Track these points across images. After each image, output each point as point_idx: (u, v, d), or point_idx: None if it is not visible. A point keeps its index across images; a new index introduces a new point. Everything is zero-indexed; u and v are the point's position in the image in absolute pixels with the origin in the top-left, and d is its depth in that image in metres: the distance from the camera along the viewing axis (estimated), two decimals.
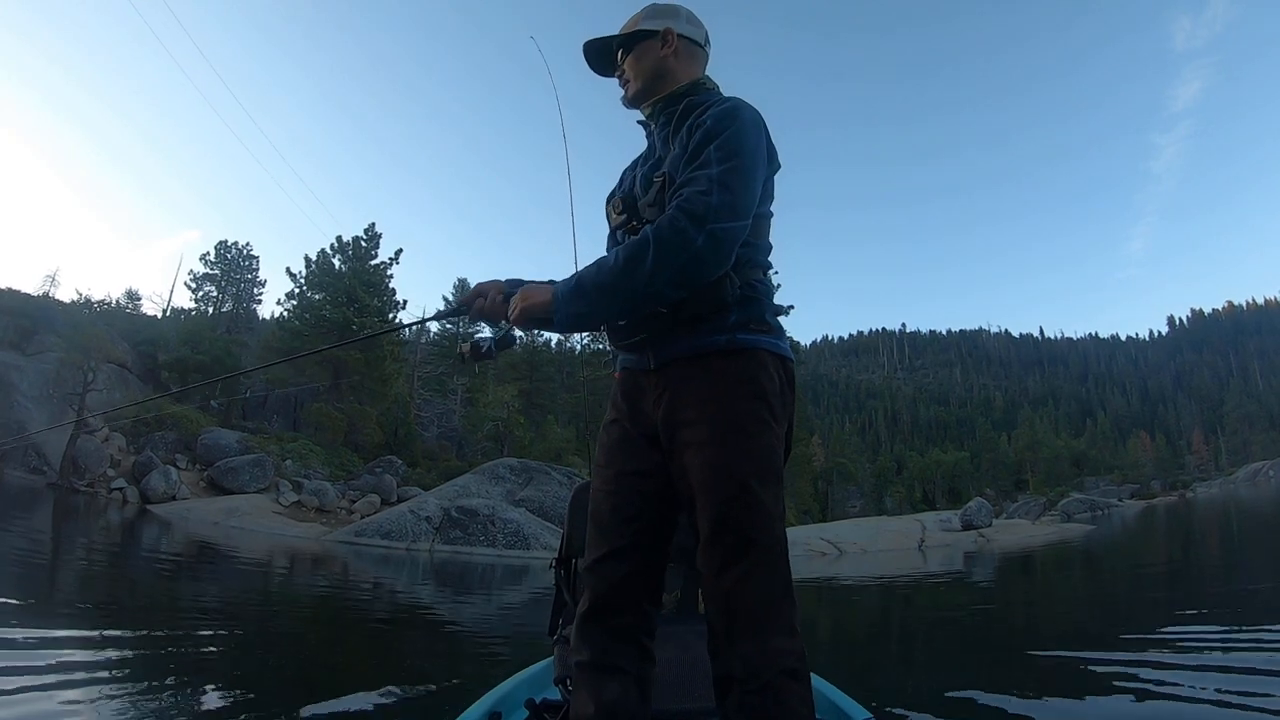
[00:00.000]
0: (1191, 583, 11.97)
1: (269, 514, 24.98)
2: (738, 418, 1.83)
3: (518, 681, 3.02)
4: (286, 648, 6.75)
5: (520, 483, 28.36)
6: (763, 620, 1.72)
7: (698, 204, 1.74)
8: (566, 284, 1.87)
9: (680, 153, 1.93)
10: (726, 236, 1.76)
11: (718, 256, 1.77)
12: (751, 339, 1.91)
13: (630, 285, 1.77)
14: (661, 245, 1.74)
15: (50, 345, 31.96)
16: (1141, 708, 4.27)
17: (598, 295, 1.82)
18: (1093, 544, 24.60)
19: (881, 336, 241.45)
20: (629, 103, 2.24)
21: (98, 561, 11.73)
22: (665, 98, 2.15)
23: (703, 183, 1.78)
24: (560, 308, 1.85)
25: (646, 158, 2.20)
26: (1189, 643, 6.15)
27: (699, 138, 1.88)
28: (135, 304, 55.08)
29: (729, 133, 1.85)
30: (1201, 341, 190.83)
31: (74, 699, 3.95)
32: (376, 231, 43.65)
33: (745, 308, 1.92)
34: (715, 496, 1.77)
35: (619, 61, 2.24)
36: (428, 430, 45.89)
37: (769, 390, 1.89)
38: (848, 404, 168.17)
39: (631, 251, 1.77)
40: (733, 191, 1.77)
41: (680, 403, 1.89)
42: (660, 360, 1.94)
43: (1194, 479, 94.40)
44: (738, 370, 1.88)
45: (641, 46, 2.19)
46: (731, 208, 1.76)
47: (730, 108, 1.93)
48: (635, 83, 2.20)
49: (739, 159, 1.82)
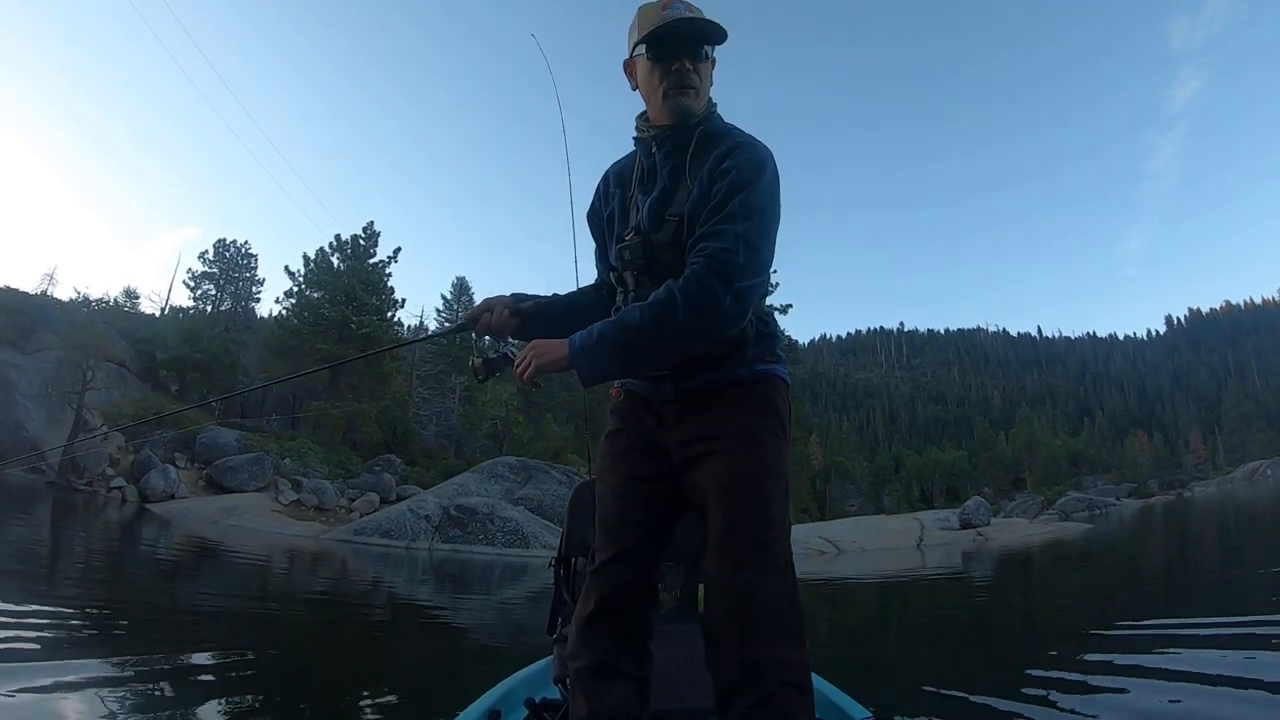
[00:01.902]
0: (1189, 580, 11.98)
1: (268, 513, 24.96)
2: (756, 431, 1.92)
3: (517, 680, 3.03)
4: (285, 646, 6.75)
5: (519, 481, 28.36)
6: (773, 626, 1.75)
7: (725, 264, 1.77)
8: (585, 341, 1.84)
9: (700, 195, 1.90)
10: (751, 294, 1.82)
11: (742, 313, 1.83)
12: (768, 369, 2.02)
13: (658, 344, 1.81)
14: (691, 305, 1.75)
15: (49, 344, 31.93)
16: (1141, 706, 4.29)
17: (626, 353, 1.83)
18: (1091, 543, 24.63)
19: (879, 335, 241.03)
20: (689, 111, 2.01)
21: (96, 560, 11.72)
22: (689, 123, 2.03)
23: (729, 239, 1.79)
24: (583, 364, 1.83)
25: (643, 181, 2.11)
26: (1188, 641, 6.16)
27: (724, 189, 1.85)
28: (134, 302, 55.25)
29: (755, 188, 1.85)
30: (1199, 341, 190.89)
31: (72, 698, 3.96)
32: (375, 230, 43.68)
33: (761, 343, 2.01)
34: (731, 501, 1.83)
35: (706, 56, 2.04)
36: (426, 429, 45.84)
37: (782, 411, 2.00)
38: (845, 403, 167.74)
39: (659, 311, 1.78)
40: (757, 251, 1.82)
41: (700, 422, 1.96)
42: (681, 392, 1.98)
43: (1191, 478, 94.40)
44: (756, 395, 1.98)
45: (712, 58, 2.06)
46: (755, 266, 1.82)
47: (757, 160, 1.91)
48: (703, 97, 2.04)
49: (764, 217, 1.85)
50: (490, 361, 2.18)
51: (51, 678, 4.25)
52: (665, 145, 2.05)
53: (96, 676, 4.47)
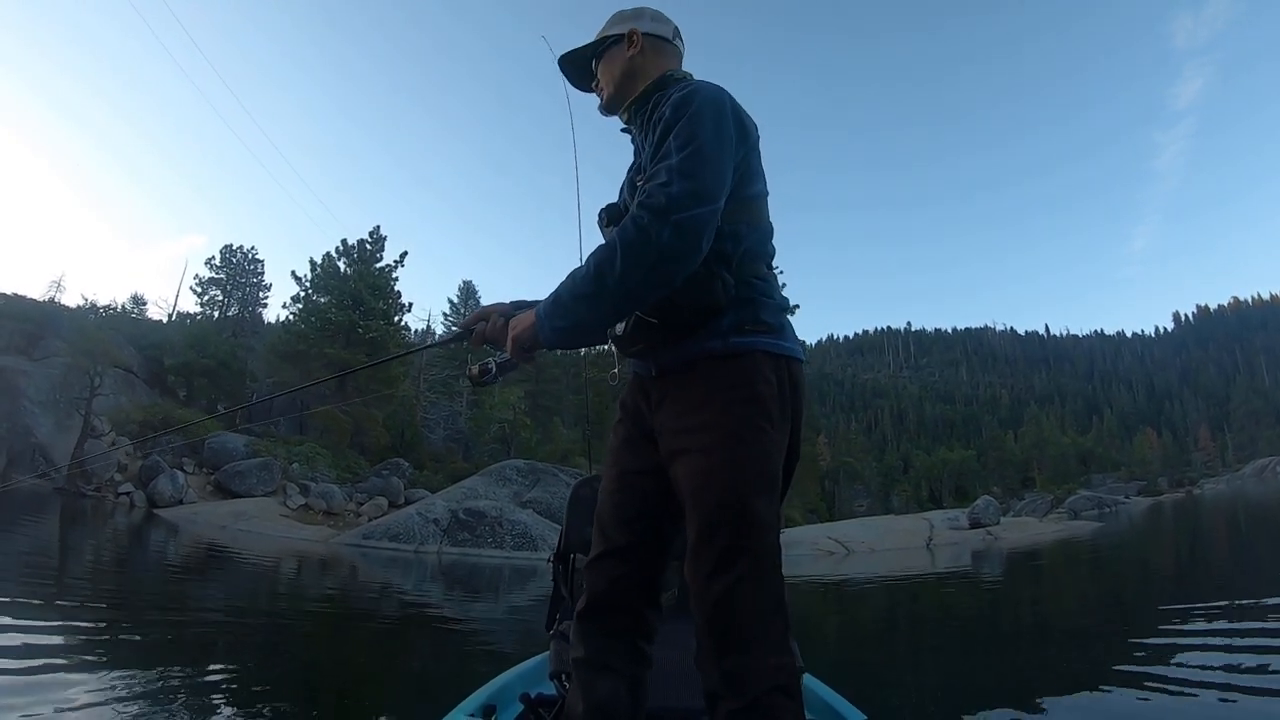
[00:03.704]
0: (1200, 579, 11.94)
1: (276, 517, 24.98)
2: (730, 423, 1.78)
3: (513, 676, 3.03)
4: (293, 648, 6.77)
5: (527, 484, 28.34)
6: (752, 634, 1.67)
7: (658, 196, 1.67)
8: (547, 300, 1.82)
9: (651, 151, 1.87)
10: (693, 224, 1.67)
11: (687, 247, 1.68)
12: (747, 341, 1.85)
13: (603, 291, 1.71)
14: (627, 246, 1.67)
15: (56, 350, 32.05)
16: (1149, 709, 4.26)
17: (575, 306, 1.76)
18: (1100, 541, 24.55)
19: (887, 335, 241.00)
20: (605, 109, 2.24)
21: (105, 565, 11.77)
22: (638, 98, 2.13)
23: (663, 174, 1.71)
24: (543, 324, 1.80)
25: (633, 165, 2.17)
26: (1198, 642, 6.14)
27: (659, 130, 1.83)
28: (141, 309, 55.35)
29: (686, 118, 1.79)
30: (1207, 338, 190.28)
31: (82, 700, 3.97)
32: (381, 234, 43.89)
33: (741, 309, 1.85)
34: (704, 504, 1.73)
35: (594, 72, 2.26)
36: (434, 432, 45.92)
37: (765, 394, 1.82)
38: (853, 403, 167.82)
39: (600, 256, 1.72)
40: (694, 178, 1.69)
41: (675, 410, 1.86)
42: (659, 367, 1.92)
43: (1201, 475, 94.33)
44: (732, 374, 1.82)
45: (610, 53, 2.20)
46: (694, 194, 1.68)
47: (686, 93, 1.86)
48: (607, 88, 2.20)
49: (697, 141, 1.74)
50: (487, 368, 2.17)
51: (59, 675, 4.27)
52: (636, 122, 2.15)
53: (105, 678, 4.48)
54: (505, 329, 2.01)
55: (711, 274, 1.77)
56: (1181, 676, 4.78)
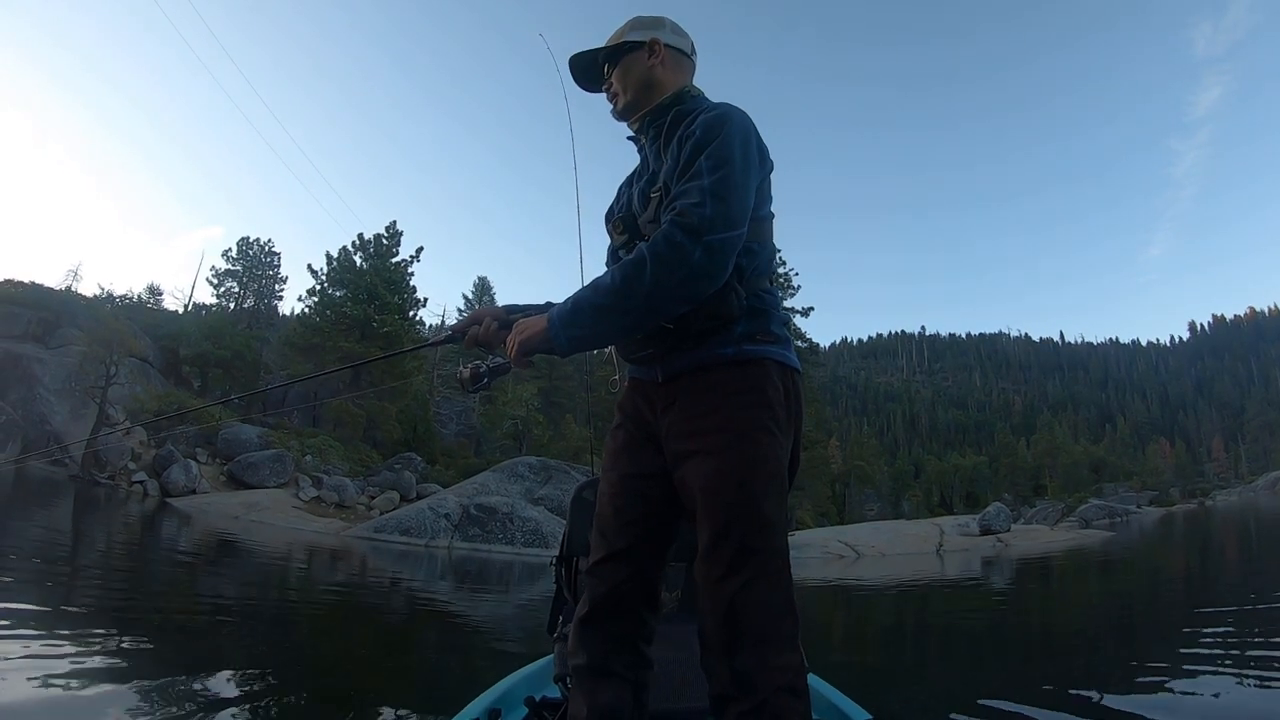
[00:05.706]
0: (1210, 591, 11.89)
1: (288, 509, 25.16)
2: (742, 426, 1.81)
3: (518, 679, 3.04)
4: (302, 640, 6.82)
5: (539, 481, 28.43)
6: (763, 634, 1.69)
7: (692, 217, 1.71)
8: (562, 308, 1.82)
9: (673, 165, 1.90)
10: (723, 247, 1.73)
11: (716, 268, 1.74)
12: (758, 350, 1.90)
13: (629, 304, 1.74)
14: (659, 261, 1.70)
15: (72, 339, 32.21)
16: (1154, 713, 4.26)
17: (597, 316, 1.78)
18: (1111, 550, 24.46)
19: (900, 339, 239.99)
20: (619, 115, 2.24)
21: (118, 554, 11.86)
22: (653, 110, 2.14)
23: (695, 194, 1.75)
24: (559, 332, 1.80)
25: (641, 174, 2.17)
26: (1206, 654, 6.12)
27: (689, 149, 1.85)
28: (157, 299, 55.83)
29: (718, 141, 1.82)
30: (1223, 348, 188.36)
31: (92, 689, 4.03)
32: (398, 229, 43.94)
33: (752, 319, 1.91)
34: (716, 504, 1.75)
35: (605, 75, 2.25)
36: (446, 427, 46.06)
37: (774, 400, 1.87)
38: (866, 407, 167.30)
39: (628, 270, 1.74)
40: (726, 202, 1.74)
41: (686, 414, 1.88)
42: (668, 374, 1.94)
43: (1213, 486, 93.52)
44: (743, 380, 1.86)
45: (629, 59, 2.20)
46: (726, 218, 1.73)
47: (718, 115, 1.90)
48: (624, 95, 2.20)
49: (729, 167, 1.79)
50: (479, 372, 2.20)
51: (69, 664, 4.31)
52: (647, 133, 2.16)
53: (114, 666, 4.54)
54: (501, 334, 2.05)
55: (728, 287, 1.81)
56: (1187, 689, 4.77)
